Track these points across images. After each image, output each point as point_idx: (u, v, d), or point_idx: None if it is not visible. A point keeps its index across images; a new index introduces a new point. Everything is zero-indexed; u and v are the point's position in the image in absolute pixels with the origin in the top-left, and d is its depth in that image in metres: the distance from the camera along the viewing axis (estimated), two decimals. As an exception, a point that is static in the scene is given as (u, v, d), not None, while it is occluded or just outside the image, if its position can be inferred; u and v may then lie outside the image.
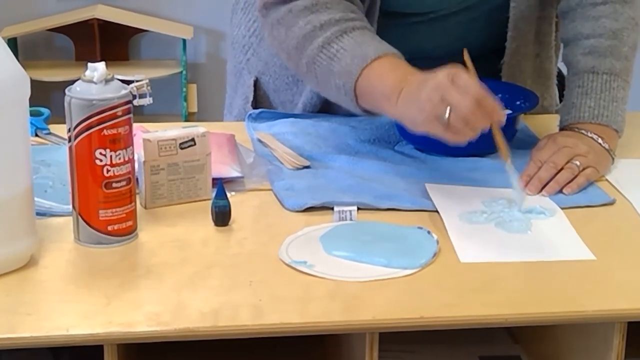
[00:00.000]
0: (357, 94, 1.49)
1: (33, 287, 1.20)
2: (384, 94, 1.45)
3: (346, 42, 1.51)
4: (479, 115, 1.33)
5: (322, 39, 1.52)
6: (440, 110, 1.33)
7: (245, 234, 1.33)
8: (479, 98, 1.33)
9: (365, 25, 1.55)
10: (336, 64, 1.50)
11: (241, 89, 1.85)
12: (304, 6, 1.55)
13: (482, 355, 1.40)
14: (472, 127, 1.33)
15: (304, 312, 1.15)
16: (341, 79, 1.50)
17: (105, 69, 1.25)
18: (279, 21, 1.58)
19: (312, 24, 1.54)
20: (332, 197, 1.41)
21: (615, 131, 1.59)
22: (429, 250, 1.27)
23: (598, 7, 1.65)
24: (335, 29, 1.52)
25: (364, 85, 1.48)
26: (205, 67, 4.13)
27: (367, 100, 1.49)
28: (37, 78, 3.63)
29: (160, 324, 1.12)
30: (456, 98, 1.33)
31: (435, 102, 1.34)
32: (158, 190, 1.40)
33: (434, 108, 1.34)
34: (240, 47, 1.85)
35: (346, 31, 1.52)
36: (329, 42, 1.52)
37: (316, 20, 1.54)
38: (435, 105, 1.34)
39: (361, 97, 1.49)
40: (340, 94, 1.52)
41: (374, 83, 1.47)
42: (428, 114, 1.35)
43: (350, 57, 1.49)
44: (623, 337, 1.18)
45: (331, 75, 1.51)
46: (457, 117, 1.32)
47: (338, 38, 1.51)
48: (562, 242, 1.33)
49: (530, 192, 1.46)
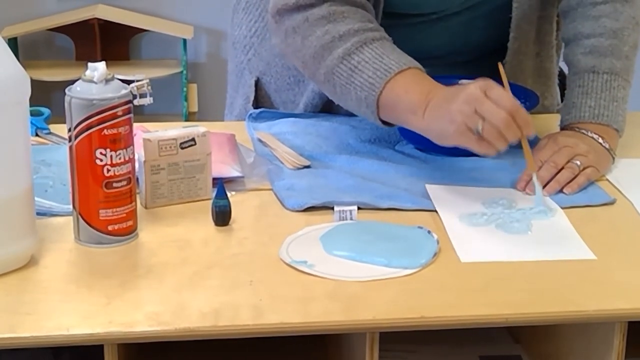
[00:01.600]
0: (380, 106, 1.48)
1: (33, 287, 1.20)
2: (409, 107, 1.44)
3: (367, 54, 1.50)
4: (512, 128, 1.35)
5: (342, 50, 1.51)
6: (473, 122, 1.35)
7: (245, 234, 1.33)
8: (512, 111, 1.35)
9: (384, 36, 1.54)
10: (358, 76, 1.49)
11: (242, 89, 1.85)
12: (320, 15, 1.53)
13: (483, 355, 1.40)
14: (504, 139, 1.35)
15: (304, 312, 1.14)
16: (363, 91, 1.49)
17: (105, 68, 1.25)
18: (294, 29, 1.56)
19: (330, 34, 1.52)
20: (332, 196, 1.41)
21: (615, 131, 1.59)
22: (430, 250, 1.27)
23: (598, 7, 1.65)
24: (355, 39, 1.51)
25: (388, 98, 1.47)
26: (206, 67, 4.13)
27: (390, 113, 1.49)
28: (38, 78, 3.64)
29: (161, 323, 1.12)
30: (490, 110, 1.34)
31: (468, 114, 1.35)
32: (158, 190, 1.40)
33: (467, 119, 1.36)
34: (242, 47, 1.85)
35: (366, 42, 1.51)
36: (349, 54, 1.50)
37: (334, 31, 1.52)
38: (468, 117, 1.35)
39: (384, 109, 1.48)
40: (362, 106, 1.51)
41: (399, 96, 1.46)
42: (459, 126, 1.36)
43: (373, 69, 1.48)
44: (623, 337, 1.18)
45: (352, 87, 1.50)
46: (491, 129, 1.34)
47: (359, 49, 1.50)
48: (563, 242, 1.33)
49: (531, 191, 1.46)
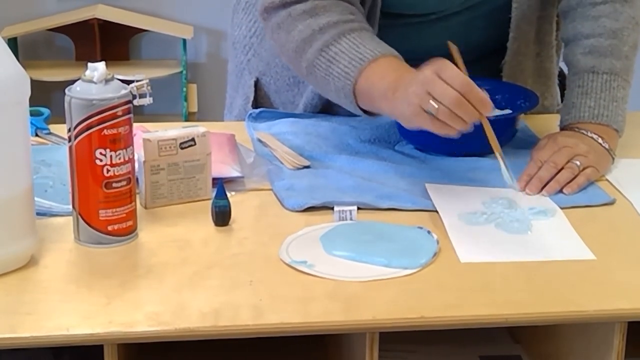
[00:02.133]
0: (357, 95, 1.50)
1: (33, 287, 1.20)
2: (381, 93, 1.46)
3: (344, 45, 1.52)
4: (464, 107, 1.35)
5: (320, 42, 1.53)
6: (426, 104, 1.36)
7: (245, 234, 1.33)
8: (464, 90, 1.35)
9: (363, 27, 1.56)
10: (335, 66, 1.52)
11: (242, 89, 1.85)
12: (302, 10, 1.56)
13: (483, 355, 1.40)
14: (459, 120, 1.35)
15: (304, 312, 1.15)
16: (340, 81, 1.51)
17: (105, 68, 1.25)
18: (279, 25, 1.59)
19: (311, 28, 1.55)
20: (332, 196, 1.41)
21: (615, 131, 1.59)
22: (429, 250, 1.27)
23: (598, 7, 1.65)
24: (334, 31, 1.53)
25: (363, 87, 1.49)
26: (206, 67, 4.13)
27: (366, 101, 1.51)
28: (38, 78, 3.63)
29: (161, 323, 1.12)
30: (440, 90, 1.35)
31: (421, 96, 1.37)
32: (158, 190, 1.40)
33: (421, 101, 1.37)
34: (242, 47, 1.85)
35: (344, 33, 1.53)
36: (327, 45, 1.53)
37: (315, 24, 1.55)
38: (421, 99, 1.37)
39: (361, 98, 1.51)
40: (340, 96, 1.53)
41: (373, 84, 1.48)
42: (415, 107, 1.38)
43: (348, 59, 1.50)
44: (623, 337, 1.18)
45: (330, 78, 1.53)
46: (444, 109, 1.35)
47: (336, 40, 1.52)
48: (563, 242, 1.33)
49: (531, 191, 1.46)
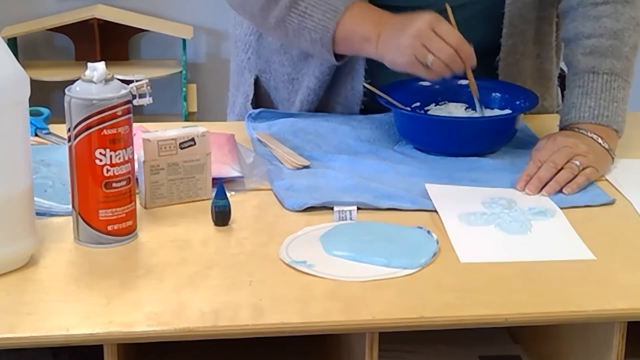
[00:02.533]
0: (335, 43, 1.60)
1: (33, 287, 1.20)
2: (362, 37, 1.58)
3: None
4: (456, 61, 1.52)
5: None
6: (422, 56, 1.50)
7: (245, 234, 1.33)
8: (457, 47, 1.51)
9: None
10: (308, 20, 1.60)
11: (242, 87, 1.85)
12: None
13: (482, 355, 1.40)
14: (449, 70, 1.52)
15: (304, 312, 1.14)
16: (317, 33, 1.60)
17: (105, 68, 1.25)
18: None
19: None
20: (332, 196, 1.41)
21: (615, 131, 1.59)
22: (429, 250, 1.27)
23: (599, 7, 1.65)
24: None
25: (341, 35, 1.59)
26: (205, 67, 4.13)
27: (344, 47, 1.61)
28: (37, 78, 3.63)
29: (160, 323, 1.12)
30: (438, 46, 1.50)
31: (417, 48, 1.51)
32: (158, 190, 1.40)
33: (417, 53, 1.51)
34: (242, 45, 1.85)
35: None
36: (295, 1, 1.60)
37: None
38: (417, 51, 1.51)
39: (338, 45, 1.60)
40: (317, 46, 1.62)
41: (351, 31, 1.58)
42: (410, 57, 1.52)
43: (322, 12, 1.59)
44: (623, 337, 1.18)
45: (305, 31, 1.61)
46: (438, 62, 1.50)
47: None
48: (562, 242, 1.33)
49: (531, 191, 1.46)
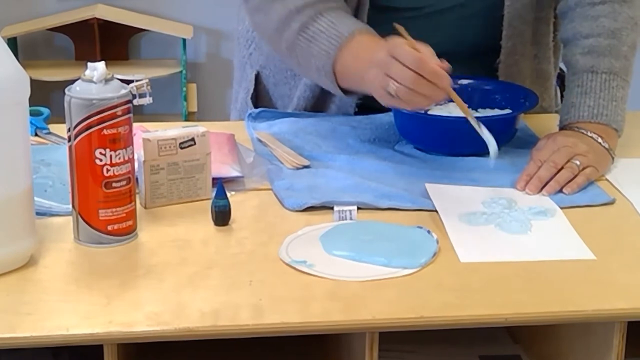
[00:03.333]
0: (337, 73, 1.55)
1: (33, 286, 1.20)
2: (357, 73, 1.51)
3: (322, 24, 1.55)
4: (422, 84, 1.38)
5: (299, 23, 1.56)
6: (386, 86, 1.41)
7: (245, 234, 1.33)
8: (417, 68, 1.37)
9: (340, 6, 1.59)
10: (315, 45, 1.55)
11: (244, 83, 1.86)
12: None
13: (482, 355, 1.40)
14: (420, 96, 1.39)
15: (304, 312, 1.14)
16: (320, 60, 1.55)
17: (105, 68, 1.25)
18: (257, 8, 1.63)
19: (287, 8, 1.58)
20: (332, 196, 1.41)
21: (615, 130, 1.59)
22: (429, 250, 1.27)
23: (597, 7, 1.65)
24: (311, 11, 1.56)
25: (341, 65, 1.54)
26: (205, 67, 4.13)
27: (345, 80, 1.56)
28: (37, 78, 3.63)
29: (160, 323, 1.12)
30: (396, 71, 1.39)
31: (380, 78, 1.42)
32: (158, 190, 1.40)
33: (382, 83, 1.41)
34: (244, 41, 1.86)
35: (322, 12, 1.56)
36: (306, 25, 1.56)
37: (292, 4, 1.57)
38: (381, 81, 1.41)
39: (340, 76, 1.55)
40: (321, 75, 1.57)
41: (349, 63, 1.52)
42: (378, 90, 1.43)
43: (327, 38, 1.54)
44: (623, 337, 1.18)
45: (311, 58, 1.56)
46: (402, 89, 1.39)
47: (314, 20, 1.55)
48: (562, 242, 1.33)
49: (531, 191, 1.46)
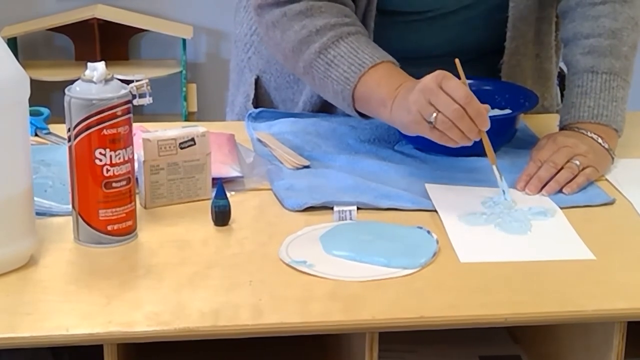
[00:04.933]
0: (355, 99, 1.53)
1: (33, 286, 1.20)
2: (379, 100, 1.49)
3: (343, 48, 1.54)
4: (464, 120, 1.37)
5: (319, 44, 1.55)
6: (426, 112, 1.38)
7: (245, 234, 1.33)
8: (465, 103, 1.37)
9: (359, 30, 1.58)
10: (334, 70, 1.54)
11: (243, 87, 1.85)
12: (299, 10, 1.57)
13: (482, 355, 1.40)
14: (457, 131, 1.38)
15: (303, 312, 1.14)
16: (339, 85, 1.53)
17: (105, 68, 1.25)
18: (274, 24, 1.60)
19: (307, 29, 1.56)
20: (332, 196, 1.41)
21: (615, 131, 1.59)
22: (429, 250, 1.27)
23: (597, 7, 1.65)
24: (332, 34, 1.55)
25: (362, 92, 1.52)
26: (205, 67, 4.13)
27: (364, 106, 1.54)
28: (37, 78, 3.63)
29: (160, 323, 1.12)
30: (443, 102, 1.37)
31: (422, 104, 1.39)
32: (158, 190, 1.40)
33: (421, 109, 1.39)
34: (243, 45, 1.85)
35: (342, 36, 1.55)
36: (325, 48, 1.55)
37: (312, 25, 1.56)
38: (422, 107, 1.39)
39: (358, 102, 1.54)
40: (338, 98, 1.55)
41: (371, 90, 1.51)
42: (415, 115, 1.40)
43: (348, 64, 1.53)
44: (623, 337, 1.18)
45: (329, 81, 1.55)
46: (443, 119, 1.37)
47: (335, 44, 1.54)
48: (562, 242, 1.33)
49: (531, 191, 1.46)
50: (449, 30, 1.71)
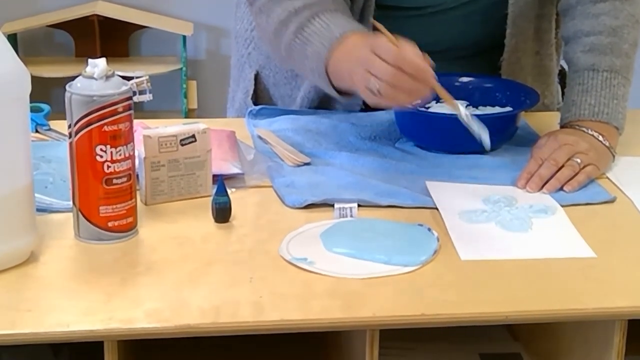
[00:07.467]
0: (330, 74, 1.52)
1: (33, 283, 1.20)
2: (349, 75, 1.46)
3: (317, 25, 1.53)
4: (403, 80, 1.34)
5: (296, 24, 1.55)
6: (370, 84, 1.37)
7: (245, 231, 1.33)
8: (398, 64, 1.34)
9: (338, 8, 1.57)
10: (309, 47, 1.53)
11: (243, 83, 1.85)
12: None
13: (483, 352, 1.40)
14: (403, 93, 1.36)
15: (304, 309, 1.14)
16: (313, 62, 1.53)
17: (105, 65, 1.25)
18: (260, 9, 1.62)
19: (287, 10, 1.57)
20: (332, 194, 1.41)
21: (615, 128, 1.59)
22: (430, 248, 1.27)
23: (598, 5, 1.65)
24: (307, 13, 1.55)
25: (334, 66, 1.50)
26: (205, 64, 4.13)
27: (338, 81, 1.52)
28: (38, 74, 3.63)
29: (161, 320, 1.11)
30: (378, 68, 1.36)
31: (363, 76, 1.38)
32: (158, 187, 1.40)
33: (364, 81, 1.38)
34: (243, 40, 1.86)
35: (317, 14, 1.54)
36: (302, 27, 1.54)
37: (291, 6, 1.56)
38: (364, 80, 1.38)
39: (333, 77, 1.52)
40: (315, 76, 1.55)
41: (340, 64, 1.49)
42: (362, 90, 1.39)
43: (319, 39, 1.52)
44: (623, 334, 1.18)
45: (306, 59, 1.54)
46: (386, 86, 1.35)
47: (310, 22, 1.54)
48: (563, 239, 1.33)
49: (531, 189, 1.46)
50: (448, 26, 1.71)
